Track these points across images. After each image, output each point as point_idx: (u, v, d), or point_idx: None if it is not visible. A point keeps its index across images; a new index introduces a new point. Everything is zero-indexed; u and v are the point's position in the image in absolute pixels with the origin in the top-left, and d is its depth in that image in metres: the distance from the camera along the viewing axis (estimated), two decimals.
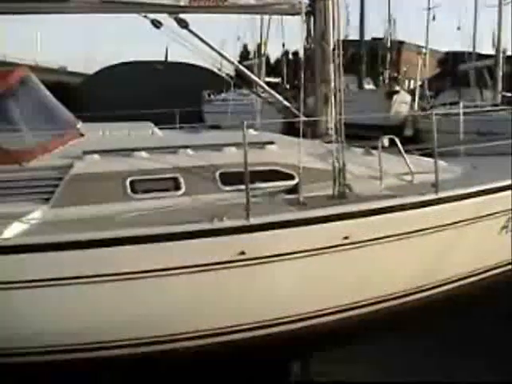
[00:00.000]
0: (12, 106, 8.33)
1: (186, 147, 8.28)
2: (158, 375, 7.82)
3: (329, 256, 7.54)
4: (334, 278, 7.72)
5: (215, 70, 10.44)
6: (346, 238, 7.55)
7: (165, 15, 9.42)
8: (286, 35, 35.50)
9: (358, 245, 7.65)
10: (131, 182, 7.76)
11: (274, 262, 7.41)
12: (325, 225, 7.48)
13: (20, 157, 7.81)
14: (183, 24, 9.39)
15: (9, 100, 8.30)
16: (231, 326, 7.60)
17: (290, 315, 7.75)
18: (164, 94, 38.97)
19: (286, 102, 9.83)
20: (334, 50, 9.31)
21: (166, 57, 50.59)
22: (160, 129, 9.52)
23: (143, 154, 8.09)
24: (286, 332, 7.76)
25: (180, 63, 48.52)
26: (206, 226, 7.17)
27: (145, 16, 9.34)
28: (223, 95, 41.57)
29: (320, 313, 7.83)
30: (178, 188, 7.88)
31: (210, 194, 7.87)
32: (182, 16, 9.43)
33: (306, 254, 7.45)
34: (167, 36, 9.26)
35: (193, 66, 47.80)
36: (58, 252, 7.01)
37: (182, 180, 7.89)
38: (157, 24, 9.34)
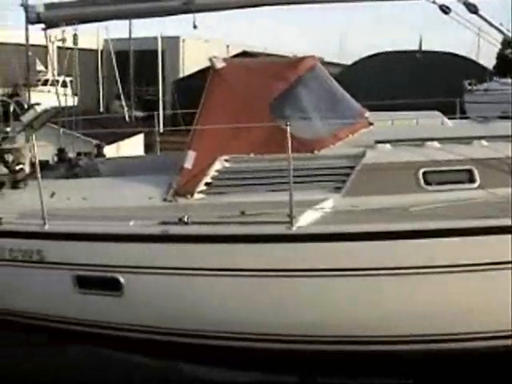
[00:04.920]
0: (303, 94, 8.40)
1: (480, 138, 7.89)
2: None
3: None
4: None
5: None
6: None
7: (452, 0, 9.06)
8: None
9: None
10: (424, 173, 7.53)
11: None
12: None
13: (312, 145, 7.86)
14: (472, 9, 8.96)
15: (300, 89, 8.38)
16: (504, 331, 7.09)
17: None
18: (421, 83, 38.27)
19: None
20: None
21: (420, 45, 49.66)
22: None
23: (435, 144, 7.82)
24: None
25: (437, 52, 47.48)
26: (507, 221, 6.75)
27: (433, 2, 9.02)
28: (485, 85, 40.07)
29: None
30: (472, 180, 7.54)
31: (506, 188, 7.43)
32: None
33: None
34: (457, 22, 8.86)
35: (451, 54, 46.68)
36: (350, 242, 6.94)
37: (476, 172, 7.53)
38: (445, 10, 8.98)
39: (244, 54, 42.15)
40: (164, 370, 8.58)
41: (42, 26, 9.62)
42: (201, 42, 49.35)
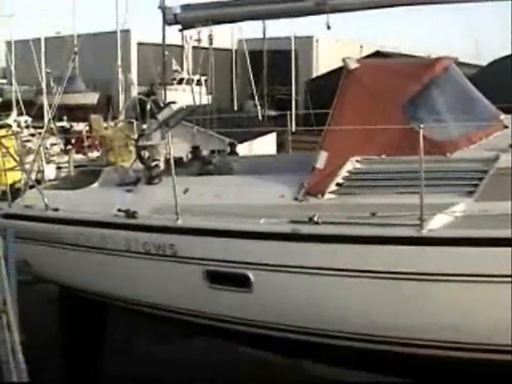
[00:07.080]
0: (437, 96, 8.26)
1: None
2: None
3: None
4: None
5: None
6: None
7: None
8: None
9: None
10: None
11: None
12: None
13: (445, 147, 7.71)
14: None
15: (434, 90, 8.24)
16: None
17: None
18: None
19: None
20: None
21: None
22: None
23: None
24: None
25: None
26: None
27: None
28: None
29: None
30: None
31: None
32: None
33: None
34: None
35: None
36: (482, 248, 6.78)
37: None
38: None
39: (377, 54, 41.67)
40: (286, 367, 8.68)
41: (179, 27, 9.89)
42: (334, 42, 49.25)
